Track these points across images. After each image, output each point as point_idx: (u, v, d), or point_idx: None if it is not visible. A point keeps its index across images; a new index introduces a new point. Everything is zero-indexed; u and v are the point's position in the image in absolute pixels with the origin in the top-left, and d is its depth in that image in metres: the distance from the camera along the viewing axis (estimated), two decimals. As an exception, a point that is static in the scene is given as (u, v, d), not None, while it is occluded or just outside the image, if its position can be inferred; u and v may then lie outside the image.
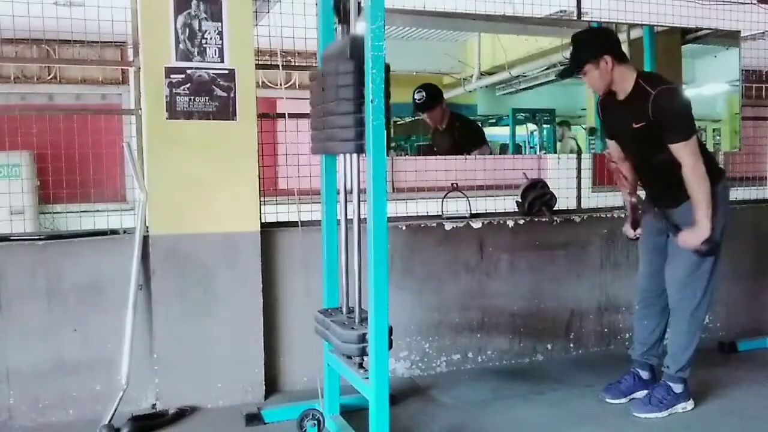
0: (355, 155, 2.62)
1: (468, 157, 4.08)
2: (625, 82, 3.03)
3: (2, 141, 4.09)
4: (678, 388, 3.18)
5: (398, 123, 3.77)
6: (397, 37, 3.65)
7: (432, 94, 3.76)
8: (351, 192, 2.69)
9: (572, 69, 3.11)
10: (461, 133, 3.92)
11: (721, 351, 4.15)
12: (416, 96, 3.72)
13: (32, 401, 3.11)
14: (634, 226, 3.34)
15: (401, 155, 3.92)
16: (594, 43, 3.07)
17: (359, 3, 2.58)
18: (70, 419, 3.15)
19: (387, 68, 2.36)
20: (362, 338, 2.52)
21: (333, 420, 2.97)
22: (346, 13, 2.69)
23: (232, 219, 3.28)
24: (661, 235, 3.23)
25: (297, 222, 3.23)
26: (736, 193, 4.75)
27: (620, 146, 3.28)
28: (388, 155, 2.41)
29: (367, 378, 2.46)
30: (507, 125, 4.01)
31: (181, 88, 3.15)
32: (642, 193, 3.34)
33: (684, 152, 2.94)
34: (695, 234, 2.97)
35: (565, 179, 4.44)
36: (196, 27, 3.16)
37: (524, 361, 3.99)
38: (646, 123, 2.96)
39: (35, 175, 5.85)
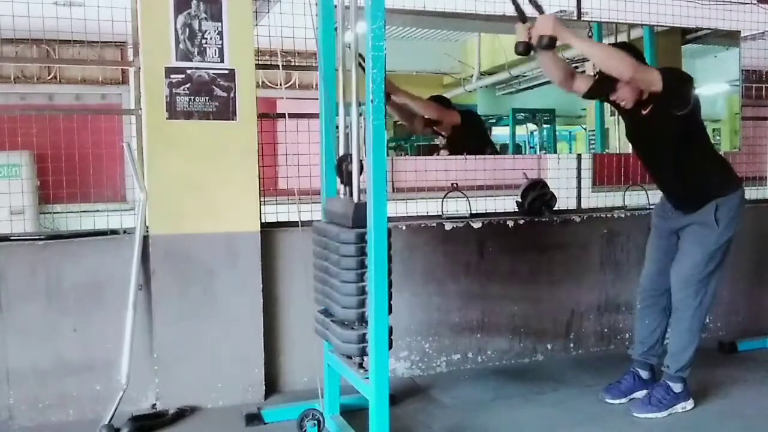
0: None
1: (468, 157, 4.08)
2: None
3: (2, 141, 4.09)
4: (678, 387, 3.18)
5: (398, 123, 3.77)
6: (397, 37, 3.65)
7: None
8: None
9: (607, 90, 3.05)
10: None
11: (721, 351, 4.15)
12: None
13: (32, 401, 3.11)
14: (523, 18, 2.89)
15: (401, 155, 3.92)
16: None
17: (361, 164, 2.62)
18: (70, 419, 3.15)
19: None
20: (362, 338, 2.52)
21: (333, 420, 2.97)
22: (348, 174, 2.70)
23: (232, 219, 3.28)
24: (672, 237, 3.24)
25: (297, 222, 3.23)
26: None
27: (637, 152, 3.29)
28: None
29: (367, 378, 2.46)
30: (507, 125, 4.01)
31: (181, 88, 3.15)
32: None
33: (646, 67, 2.94)
34: (551, 22, 2.76)
35: (565, 179, 4.44)
36: (196, 27, 3.16)
37: (524, 361, 3.99)
38: (653, 104, 2.98)
39: (35, 175, 5.85)
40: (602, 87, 3.05)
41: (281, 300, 3.47)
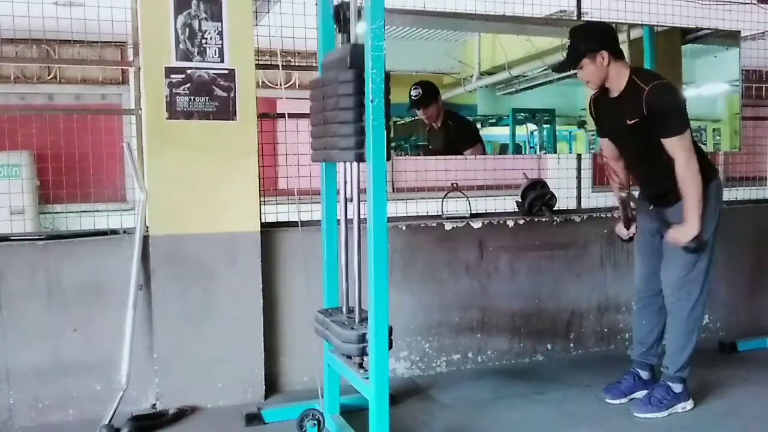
0: (355, 163, 2.61)
1: (468, 157, 4.08)
2: (619, 79, 3.02)
3: (2, 141, 4.09)
4: (677, 387, 3.18)
5: (398, 123, 3.77)
6: (397, 37, 3.65)
7: (428, 90, 3.77)
8: (351, 199, 2.70)
9: (569, 63, 3.09)
10: (455, 132, 3.92)
11: (721, 351, 4.15)
12: (412, 92, 3.73)
13: (32, 401, 3.12)
14: (627, 225, 3.33)
15: (401, 155, 3.92)
16: (592, 37, 3.05)
17: (359, 11, 2.57)
18: (70, 419, 3.15)
19: (387, 77, 2.35)
20: (362, 338, 2.52)
21: (333, 420, 2.97)
22: (345, 21, 2.68)
23: (232, 219, 3.28)
24: (657, 237, 3.23)
25: (297, 222, 3.23)
26: (736, 193, 4.76)
27: (615, 145, 3.28)
28: (389, 159, 2.40)
29: (367, 378, 2.46)
30: (507, 125, 4.01)
31: (181, 88, 3.15)
32: (636, 192, 3.34)
33: (677, 146, 2.93)
34: (684, 231, 2.97)
35: (565, 179, 4.44)
36: (196, 27, 3.16)
37: (524, 361, 3.99)
38: (640, 119, 2.96)
39: (35, 175, 5.86)
40: (567, 62, 3.12)
41: (281, 300, 3.47)
